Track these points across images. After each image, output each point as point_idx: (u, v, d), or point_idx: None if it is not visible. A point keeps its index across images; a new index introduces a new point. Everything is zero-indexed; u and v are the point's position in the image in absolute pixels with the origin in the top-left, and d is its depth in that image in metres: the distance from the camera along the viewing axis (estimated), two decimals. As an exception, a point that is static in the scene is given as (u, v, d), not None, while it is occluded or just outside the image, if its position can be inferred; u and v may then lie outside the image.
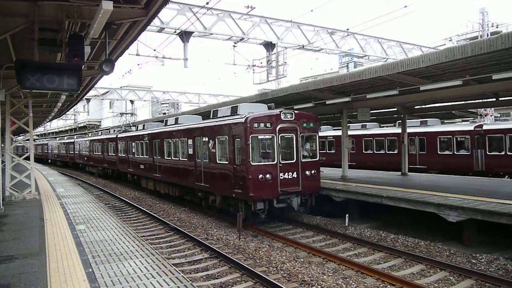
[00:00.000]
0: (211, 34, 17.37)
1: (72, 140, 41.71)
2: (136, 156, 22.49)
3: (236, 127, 12.46)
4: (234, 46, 18.70)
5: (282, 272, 8.38)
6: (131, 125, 29.00)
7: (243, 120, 12.08)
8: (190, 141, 15.49)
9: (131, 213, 15.91)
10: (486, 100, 15.82)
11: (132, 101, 39.05)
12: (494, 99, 14.50)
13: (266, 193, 11.97)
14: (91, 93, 29.80)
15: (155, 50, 17.87)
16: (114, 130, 30.22)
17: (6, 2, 6.59)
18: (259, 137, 12.14)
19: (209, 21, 17.16)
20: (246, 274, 8.26)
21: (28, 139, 16.08)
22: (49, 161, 54.08)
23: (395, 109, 18.03)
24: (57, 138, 58.72)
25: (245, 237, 11.63)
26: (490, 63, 10.22)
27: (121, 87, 39.18)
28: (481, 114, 24.99)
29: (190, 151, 15.48)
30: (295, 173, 12.56)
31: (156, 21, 15.54)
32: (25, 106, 14.40)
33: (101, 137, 31.22)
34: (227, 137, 12.92)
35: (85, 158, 35.85)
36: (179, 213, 15.58)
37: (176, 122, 18.08)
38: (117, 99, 38.28)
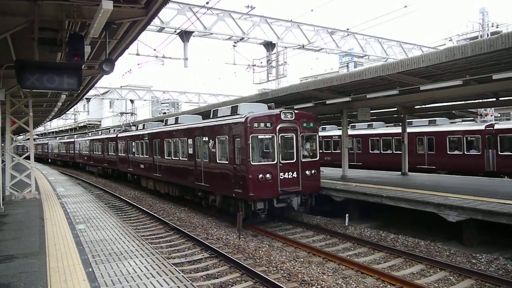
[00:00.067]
0: (211, 33, 17.38)
1: (72, 140, 41.73)
2: (136, 155, 22.49)
3: (236, 126, 12.46)
4: (234, 45, 18.70)
5: (282, 271, 8.39)
6: (131, 124, 28.99)
7: (243, 119, 12.08)
8: (190, 141, 15.49)
9: (131, 213, 15.91)
10: (486, 100, 15.82)
11: (132, 101, 39.08)
12: (494, 99, 14.51)
13: (266, 192, 11.98)
14: (91, 92, 29.82)
15: (155, 49, 17.90)
16: (114, 130, 30.22)
17: (6, 1, 6.59)
18: (259, 137, 12.14)
19: (209, 20, 17.19)
20: (246, 274, 8.26)
21: (28, 139, 16.08)
22: (49, 160, 54.11)
23: (395, 109, 18.02)
24: (57, 138, 58.76)
25: (245, 236, 11.63)
26: (490, 63, 10.22)
27: (121, 86, 39.22)
28: (481, 114, 24.97)
29: (190, 151, 15.48)
30: (295, 173, 12.56)
31: (156, 21, 15.53)
32: (25, 106, 14.41)
33: (101, 136, 31.22)
34: (227, 136, 12.92)
35: (85, 158, 35.85)
36: (179, 212, 15.59)
37: (176, 122, 18.07)
38: (117, 99, 38.28)
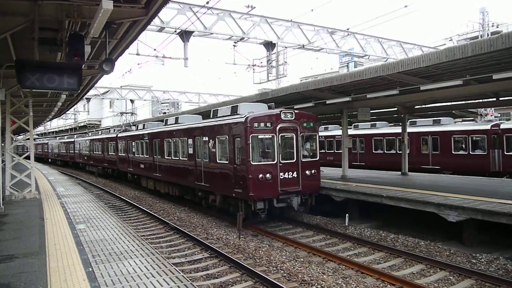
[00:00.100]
0: (211, 33, 17.37)
1: (72, 140, 41.72)
2: (136, 155, 22.49)
3: (236, 126, 12.46)
4: (234, 45, 18.69)
5: (282, 271, 8.39)
6: (131, 124, 28.98)
7: (243, 119, 12.08)
8: (190, 141, 15.49)
9: (131, 213, 15.91)
10: (486, 100, 15.81)
11: (132, 101, 39.09)
12: (494, 99, 14.50)
13: (266, 192, 11.97)
14: (91, 92, 29.82)
15: (155, 49, 17.90)
16: (114, 130, 30.20)
17: (6, 1, 6.59)
18: (259, 136, 12.14)
19: (209, 20, 17.18)
20: (246, 274, 8.26)
21: (28, 139, 16.09)
22: (49, 160, 54.11)
23: (395, 108, 18.02)
24: (57, 138, 58.75)
25: (245, 236, 11.63)
26: (490, 63, 10.21)
27: (121, 86, 39.21)
28: (481, 114, 24.96)
29: (190, 151, 15.48)
30: (295, 172, 12.55)
31: (156, 21, 15.53)
32: (25, 106, 14.40)
33: (101, 136, 31.22)
34: (227, 136, 12.91)
35: (85, 158, 35.85)
36: (179, 212, 15.59)
37: (176, 122, 18.07)
38: (117, 99, 38.28)
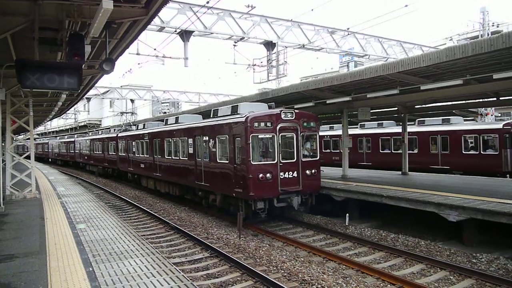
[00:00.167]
0: (212, 33, 17.38)
1: (73, 139, 41.73)
2: (136, 155, 22.49)
3: (236, 126, 12.46)
4: (235, 45, 18.69)
5: (282, 271, 8.39)
6: (132, 124, 28.99)
7: (243, 119, 12.07)
8: (191, 140, 15.49)
9: (131, 212, 15.92)
10: (486, 100, 15.81)
11: (132, 100, 39.11)
12: (495, 99, 14.50)
13: (266, 192, 11.98)
14: (92, 92, 29.85)
15: (155, 49, 17.92)
16: (115, 129, 30.18)
17: (6, 1, 6.59)
18: (259, 136, 12.14)
19: (210, 20, 17.19)
20: (246, 273, 8.26)
21: (29, 138, 16.09)
22: (50, 160, 54.14)
23: (396, 108, 18.01)
24: (58, 137, 58.75)
25: (245, 236, 11.64)
26: (490, 62, 10.21)
27: (121, 86, 39.22)
28: (481, 113, 24.97)
29: (191, 150, 15.48)
30: (295, 172, 12.55)
31: (156, 20, 15.54)
32: (25, 105, 14.41)
33: (102, 136, 31.23)
34: (227, 136, 12.92)
35: (86, 157, 35.86)
36: (179, 212, 15.60)
37: (177, 121, 18.07)
38: (118, 98, 38.30)
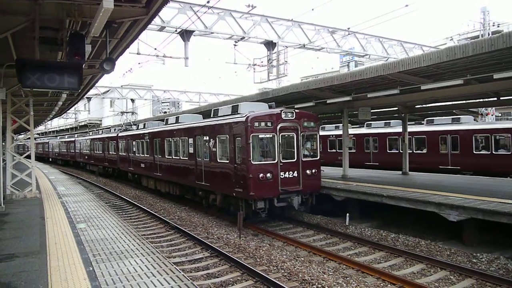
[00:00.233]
0: (212, 33, 17.36)
1: (73, 139, 41.74)
2: (136, 155, 22.50)
3: (237, 126, 12.46)
4: (235, 45, 18.69)
5: (283, 271, 8.39)
6: (132, 124, 28.99)
7: (244, 119, 12.07)
8: (191, 140, 15.50)
9: (131, 212, 15.92)
10: (487, 100, 15.80)
11: (132, 100, 39.14)
12: (495, 99, 14.51)
13: (266, 192, 11.98)
14: (92, 91, 29.87)
15: (155, 49, 17.89)
16: (115, 129, 30.19)
17: (7, 0, 6.58)
18: (259, 136, 12.14)
19: (210, 20, 17.17)
20: (246, 273, 8.27)
21: (29, 138, 16.10)
22: (50, 159, 54.16)
23: (396, 108, 18.00)
24: (58, 137, 58.76)
25: (246, 236, 11.64)
26: (491, 62, 10.21)
27: (121, 86, 39.30)
28: (482, 113, 24.97)
29: (191, 150, 15.48)
30: (295, 172, 12.55)
31: (157, 20, 15.53)
32: (26, 105, 14.41)
33: (102, 136, 31.24)
34: (227, 136, 12.92)
35: (86, 157, 35.87)
36: (179, 212, 15.60)
37: (177, 121, 18.08)
38: (118, 98, 38.33)
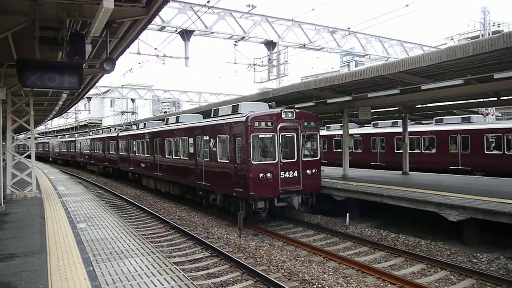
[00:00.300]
0: (212, 33, 17.36)
1: (73, 139, 41.75)
2: (137, 154, 22.51)
3: (237, 126, 12.46)
4: (235, 45, 18.69)
5: (283, 271, 8.39)
6: (132, 123, 29.00)
7: (244, 119, 12.07)
8: (191, 140, 15.50)
9: (132, 212, 15.93)
10: (487, 100, 15.80)
11: (133, 100, 39.17)
12: (495, 98, 14.52)
13: (266, 192, 11.98)
14: (92, 91, 29.88)
15: (156, 48, 17.88)
16: (115, 129, 30.21)
17: (7, 0, 6.58)
18: (260, 136, 12.14)
19: (210, 19, 17.16)
20: (246, 273, 8.27)
21: (29, 138, 16.11)
22: (50, 159, 54.18)
23: (396, 108, 18.00)
24: (58, 137, 58.76)
25: (246, 236, 11.64)
26: (491, 62, 10.21)
27: (122, 85, 39.28)
28: (482, 113, 24.97)
29: (191, 150, 15.49)
30: (296, 172, 12.55)
31: (157, 20, 15.53)
32: (26, 105, 14.42)
33: (102, 135, 31.25)
34: (228, 136, 12.92)
35: (86, 157, 35.88)
36: (179, 211, 15.61)
37: (177, 121, 18.08)
38: (118, 98, 38.34)
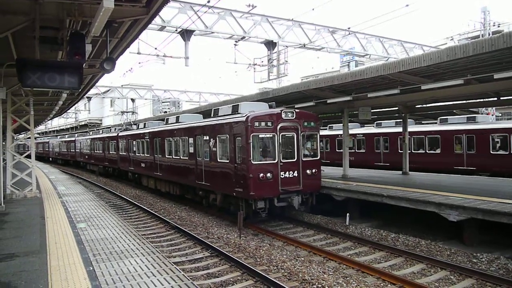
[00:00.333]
0: (212, 32, 17.35)
1: (73, 139, 41.75)
2: (137, 154, 22.51)
3: (237, 125, 12.45)
4: (235, 44, 18.69)
5: (283, 271, 8.39)
6: (132, 123, 29.00)
7: (244, 119, 12.07)
8: (191, 140, 15.50)
9: (132, 212, 15.93)
10: (487, 100, 15.79)
11: (133, 100, 39.15)
12: (495, 98, 14.51)
13: (266, 192, 11.98)
14: (92, 91, 29.87)
15: (156, 48, 17.88)
16: (115, 129, 30.21)
17: (7, 0, 6.58)
18: (260, 136, 12.14)
19: (210, 19, 17.15)
20: (246, 273, 8.27)
21: (29, 137, 16.10)
22: (50, 159, 54.18)
23: (396, 108, 18.00)
24: (58, 137, 58.76)
25: (246, 236, 11.64)
26: (491, 62, 10.21)
27: (122, 85, 39.26)
28: (482, 113, 24.97)
29: (191, 150, 15.48)
30: (296, 172, 12.55)
31: (157, 20, 15.52)
32: (26, 104, 14.42)
33: (102, 135, 31.25)
34: (228, 135, 12.92)
35: (86, 157, 35.89)
36: (179, 211, 15.61)
37: (177, 121, 18.08)
38: (118, 98, 38.33)
